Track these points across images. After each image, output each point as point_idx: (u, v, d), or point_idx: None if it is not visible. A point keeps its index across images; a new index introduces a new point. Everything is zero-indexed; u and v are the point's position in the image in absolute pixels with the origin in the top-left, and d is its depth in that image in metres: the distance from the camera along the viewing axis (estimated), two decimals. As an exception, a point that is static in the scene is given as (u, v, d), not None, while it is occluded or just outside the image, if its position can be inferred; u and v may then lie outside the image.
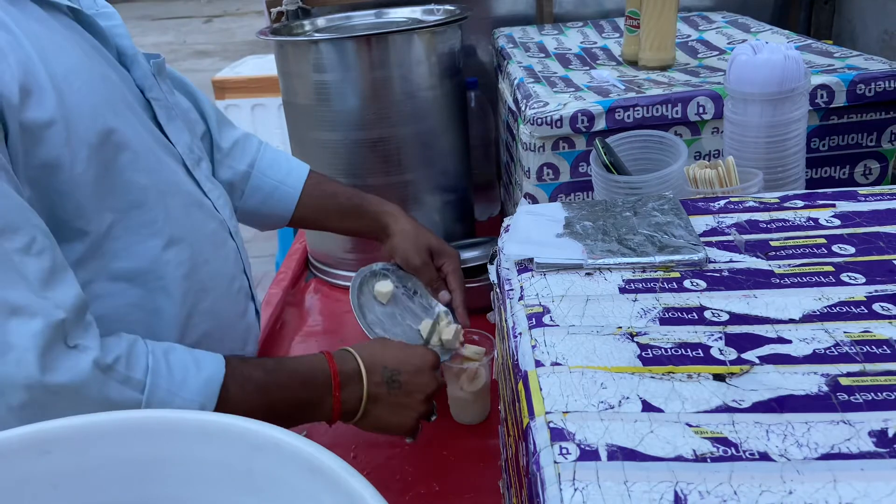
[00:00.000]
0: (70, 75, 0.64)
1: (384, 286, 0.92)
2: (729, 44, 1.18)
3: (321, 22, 1.32)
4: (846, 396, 0.40)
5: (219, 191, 0.83)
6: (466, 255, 1.12)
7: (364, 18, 1.33)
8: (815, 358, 0.43)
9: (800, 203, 0.62)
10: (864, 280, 0.50)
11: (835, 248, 0.55)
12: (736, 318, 0.48)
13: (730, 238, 0.58)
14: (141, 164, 0.69)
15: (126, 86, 0.73)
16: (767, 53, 0.77)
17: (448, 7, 1.28)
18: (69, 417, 0.37)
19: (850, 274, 0.51)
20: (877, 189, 0.63)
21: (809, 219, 0.59)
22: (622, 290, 0.52)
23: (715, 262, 0.54)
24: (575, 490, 0.35)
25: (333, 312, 1.19)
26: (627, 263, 0.55)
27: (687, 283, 0.52)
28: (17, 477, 0.36)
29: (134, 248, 0.68)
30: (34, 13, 0.66)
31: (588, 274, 0.54)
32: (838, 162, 0.96)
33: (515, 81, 1.08)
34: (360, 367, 0.74)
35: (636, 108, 0.93)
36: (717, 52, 1.15)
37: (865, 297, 0.49)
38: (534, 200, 0.99)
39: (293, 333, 1.13)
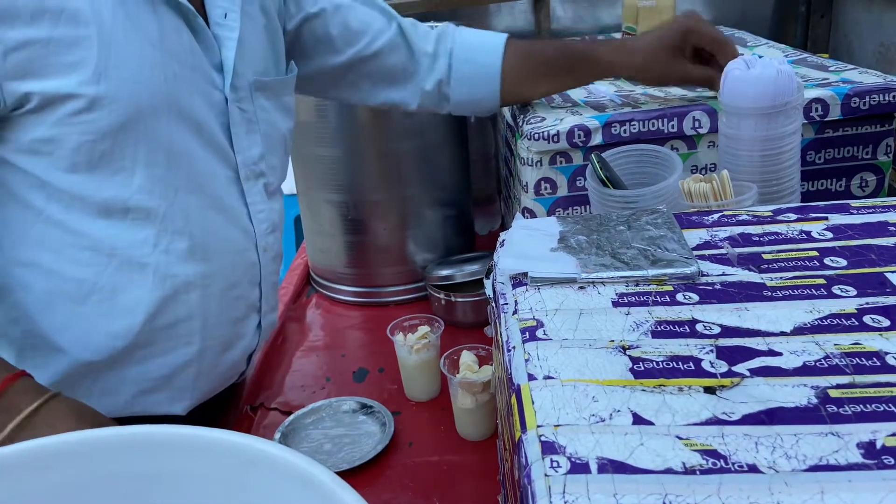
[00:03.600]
0: (129, 57, 0.70)
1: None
2: (725, 58, 1.18)
3: (322, 40, 1.33)
4: (835, 408, 0.40)
5: (269, 209, 0.86)
6: (466, 269, 1.14)
7: (364, 36, 1.34)
8: (805, 370, 0.44)
9: (793, 216, 0.62)
10: (855, 293, 0.51)
11: (827, 260, 0.55)
12: (727, 331, 0.48)
13: (723, 251, 0.58)
14: (162, 159, 0.74)
15: (202, 89, 0.77)
16: (760, 68, 0.77)
17: (447, 23, 1.29)
18: (69, 433, 0.38)
19: (841, 286, 0.52)
20: (869, 202, 0.63)
21: (802, 232, 0.60)
22: (615, 304, 0.52)
23: (707, 276, 0.55)
24: (565, 503, 0.36)
25: (335, 327, 1.20)
26: (620, 277, 0.55)
27: (679, 297, 0.53)
28: (18, 492, 0.37)
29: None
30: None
31: (581, 288, 0.55)
32: (834, 175, 0.96)
33: (513, 97, 1.09)
34: None
35: (632, 123, 0.93)
36: (714, 67, 1.16)
37: (856, 309, 0.49)
38: (532, 214, 1.00)
39: (294, 348, 1.14)
